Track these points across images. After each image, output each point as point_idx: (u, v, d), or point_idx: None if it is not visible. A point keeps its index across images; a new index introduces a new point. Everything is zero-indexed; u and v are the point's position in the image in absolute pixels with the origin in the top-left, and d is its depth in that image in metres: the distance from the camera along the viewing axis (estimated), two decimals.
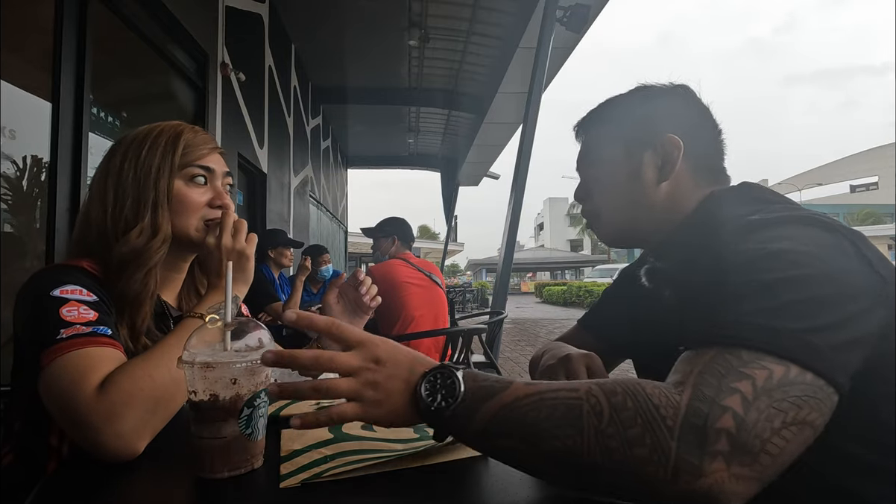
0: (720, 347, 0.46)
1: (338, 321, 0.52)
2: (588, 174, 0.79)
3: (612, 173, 0.75)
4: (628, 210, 0.74)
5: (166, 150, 0.79)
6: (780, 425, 0.41)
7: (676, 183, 0.71)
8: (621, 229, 0.77)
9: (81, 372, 0.59)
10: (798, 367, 0.43)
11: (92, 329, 0.64)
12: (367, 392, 0.49)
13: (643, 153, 0.72)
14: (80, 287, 0.68)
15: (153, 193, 0.77)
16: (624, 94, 0.78)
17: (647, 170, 0.72)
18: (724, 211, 0.64)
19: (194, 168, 0.81)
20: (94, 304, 0.68)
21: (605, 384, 0.45)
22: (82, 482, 0.54)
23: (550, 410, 0.44)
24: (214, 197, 0.83)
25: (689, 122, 0.73)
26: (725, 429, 0.40)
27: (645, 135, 0.72)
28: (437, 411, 0.47)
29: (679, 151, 0.69)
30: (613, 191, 0.75)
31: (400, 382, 0.49)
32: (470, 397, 0.47)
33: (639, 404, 0.42)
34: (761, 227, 0.56)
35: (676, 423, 0.41)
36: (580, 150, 0.82)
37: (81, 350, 0.61)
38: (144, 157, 0.78)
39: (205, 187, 0.82)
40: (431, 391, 0.48)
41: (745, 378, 0.43)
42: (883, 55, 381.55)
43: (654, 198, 0.72)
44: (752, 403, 0.41)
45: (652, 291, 0.76)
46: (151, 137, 0.80)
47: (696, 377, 0.44)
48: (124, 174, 0.78)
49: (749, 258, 0.52)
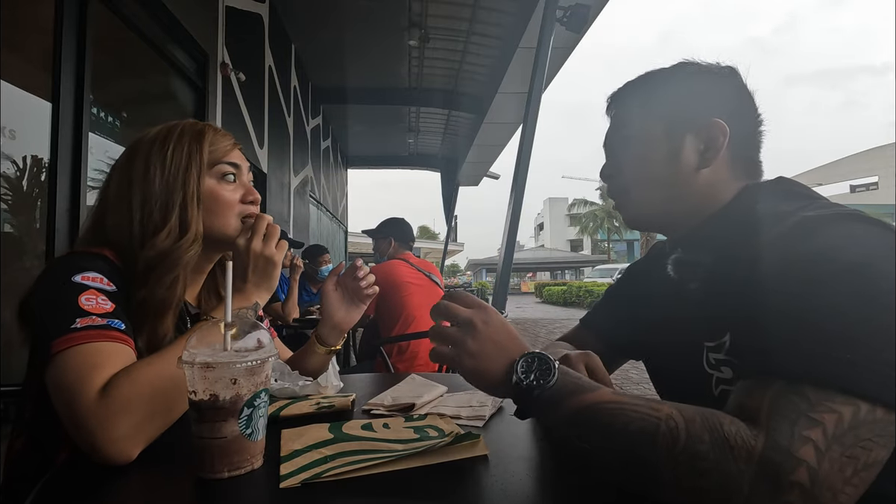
0: (784, 381, 0.44)
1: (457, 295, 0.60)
2: (620, 150, 0.74)
3: (648, 151, 0.69)
4: (661, 192, 0.69)
5: (192, 148, 0.78)
6: (851, 474, 0.41)
7: (715, 171, 0.67)
8: (650, 212, 0.72)
9: (88, 369, 0.59)
10: (867, 405, 0.42)
11: (107, 322, 0.63)
12: (467, 341, 0.55)
13: (685, 135, 0.67)
14: (100, 275, 0.68)
15: (181, 193, 0.76)
16: (666, 69, 0.73)
17: (688, 153, 0.67)
18: (766, 206, 0.60)
19: (224, 165, 0.81)
20: (112, 294, 0.67)
21: (686, 410, 0.45)
22: (82, 482, 0.54)
23: (628, 421, 0.46)
24: (246, 193, 0.83)
25: (734, 107, 0.68)
26: (799, 482, 0.40)
27: (689, 115, 0.68)
28: (528, 388, 0.51)
29: (724, 138, 0.65)
30: (648, 170, 0.70)
31: (501, 350, 0.55)
32: (560, 387, 0.51)
33: (715, 440, 0.43)
34: (819, 224, 0.51)
35: (750, 470, 0.41)
36: (612, 124, 0.76)
37: (93, 344, 0.61)
38: (171, 158, 0.77)
39: (234, 184, 0.82)
40: (527, 370, 0.53)
41: (815, 425, 0.41)
42: (883, 55, 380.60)
43: (691, 184, 0.67)
44: (826, 454, 0.40)
45: (674, 286, 0.72)
46: (174, 137, 0.78)
47: (768, 420, 0.43)
48: (151, 178, 0.76)
49: (815, 273, 0.47)
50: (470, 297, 0.59)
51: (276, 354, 0.57)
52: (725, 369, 0.61)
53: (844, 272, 0.46)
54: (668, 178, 0.68)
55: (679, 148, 0.67)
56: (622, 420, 0.47)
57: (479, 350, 0.55)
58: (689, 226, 0.70)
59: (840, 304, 0.45)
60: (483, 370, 0.55)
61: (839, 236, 0.49)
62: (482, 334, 0.55)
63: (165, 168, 0.76)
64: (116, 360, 0.62)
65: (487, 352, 0.55)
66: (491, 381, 0.55)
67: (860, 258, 0.47)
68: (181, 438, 0.60)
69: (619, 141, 0.74)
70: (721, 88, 0.69)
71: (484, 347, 0.55)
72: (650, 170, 0.69)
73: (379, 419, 0.71)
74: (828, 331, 0.44)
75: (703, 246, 0.68)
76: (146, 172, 0.76)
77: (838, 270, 0.46)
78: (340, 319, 0.95)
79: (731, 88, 0.69)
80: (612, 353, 0.87)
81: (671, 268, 0.72)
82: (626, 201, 0.73)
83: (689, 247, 0.71)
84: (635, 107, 0.72)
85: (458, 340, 0.56)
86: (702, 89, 0.69)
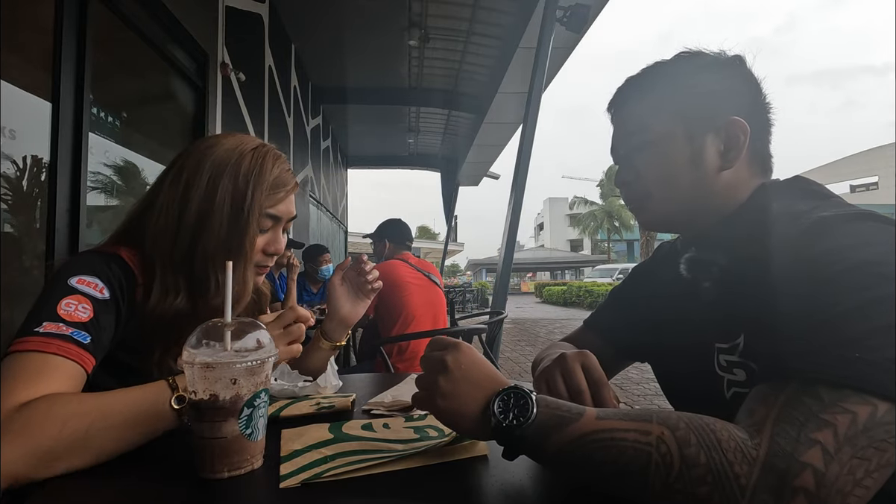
0: (798, 383, 0.43)
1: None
2: (636, 155, 0.69)
3: (669, 156, 0.66)
4: (685, 197, 0.66)
5: (261, 190, 0.76)
6: (862, 475, 0.39)
7: (737, 171, 0.64)
8: (671, 217, 0.70)
9: (20, 381, 0.57)
10: (886, 404, 0.40)
11: (71, 332, 0.62)
12: (440, 381, 0.53)
13: (705, 135, 0.64)
14: (98, 281, 0.67)
15: (246, 243, 0.75)
16: (670, 63, 0.69)
17: (710, 155, 0.64)
18: (783, 205, 0.59)
19: (265, 219, 0.78)
20: (101, 302, 0.67)
21: (679, 430, 0.43)
22: (82, 482, 0.54)
23: (617, 454, 0.44)
24: (269, 243, 0.80)
25: (749, 101, 0.65)
26: (804, 488, 0.38)
27: (706, 114, 0.64)
28: (507, 429, 0.48)
29: (746, 137, 0.63)
30: (670, 177, 0.66)
31: (476, 388, 0.52)
32: (541, 422, 0.48)
33: (711, 459, 0.40)
34: (834, 224, 0.50)
35: (750, 482, 0.39)
36: (620, 128, 0.72)
37: (40, 354, 0.60)
38: (241, 195, 0.75)
39: (266, 232, 0.80)
40: (504, 408, 0.50)
41: (825, 427, 0.40)
42: (884, 55, 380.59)
43: (713, 186, 0.65)
44: (835, 457, 0.39)
45: (686, 285, 0.69)
46: (245, 167, 0.76)
47: (772, 426, 0.41)
48: (217, 205, 0.74)
49: (830, 273, 0.46)
50: (443, 339, 0.58)
51: (276, 354, 0.58)
52: (738, 371, 0.60)
53: (858, 270, 0.45)
54: (691, 183, 0.65)
55: (701, 149, 0.64)
56: (612, 454, 0.44)
57: (452, 391, 0.52)
58: (706, 225, 0.68)
59: (855, 302, 0.44)
60: (457, 411, 0.52)
61: (853, 235, 0.48)
62: (454, 373, 0.53)
63: (235, 207, 0.74)
64: (57, 377, 0.60)
65: (462, 392, 0.52)
66: (469, 423, 0.52)
67: (875, 256, 0.46)
68: (181, 438, 0.60)
69: (634, 146, 0.70)
70: (733, 81, 0.66)
71: (457, 388, 0.52)
72: (672, 175, 0.66)
73: (379, 419, 0.71)
74: (843, 330, 0.43)
75: (718, 245, 0.65)
76: (213, 191, 0.74)
77: (852, 269, 0.46)
78: (346, 314, 0.96)
79: (743, 80, 0.66)
80: (617, 355, 0.85)
81: (684, 267, 0.69)
82: (647, 206, 0.70)
83: (704, 246, 0.68)
84: (646, 107, 0.68)
85: (431, 382, 0.54)
86: (715, 84, 0.65)
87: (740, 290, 0.59)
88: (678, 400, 0.75)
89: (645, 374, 4.92)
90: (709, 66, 0.67)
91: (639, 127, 0.69)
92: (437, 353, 0.56)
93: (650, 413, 0.46)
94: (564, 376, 0.63)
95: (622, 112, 0.72)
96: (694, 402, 0.64)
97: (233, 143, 0.78)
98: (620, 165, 0.72)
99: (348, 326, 0.97)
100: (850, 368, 0.41)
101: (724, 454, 0.40)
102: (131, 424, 0.58)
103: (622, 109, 0.72)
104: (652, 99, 0.68)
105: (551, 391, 0.62)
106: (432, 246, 28.54)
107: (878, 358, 0.41)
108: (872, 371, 0.41)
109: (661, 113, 0.67)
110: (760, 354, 0.51)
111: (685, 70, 0.67)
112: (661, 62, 0.70)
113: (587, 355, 0.65)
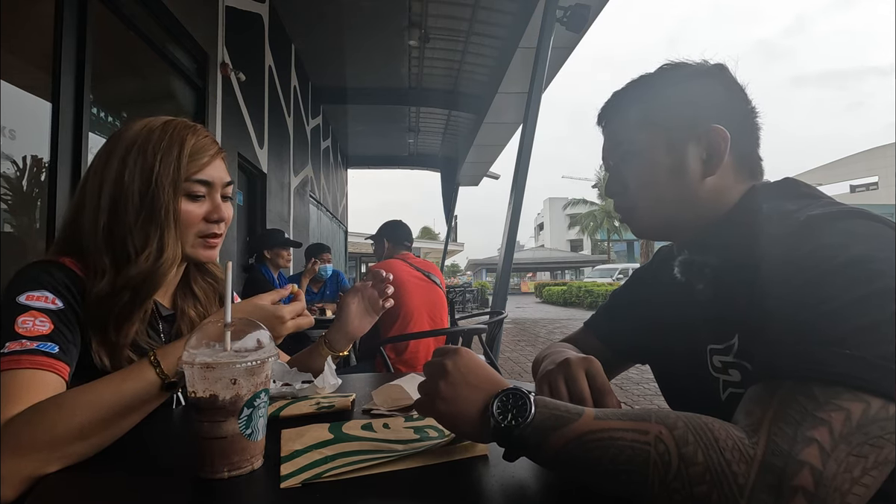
0: (792, 383, 0.43)
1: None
2: (622, 166, 0.71)
3: (652, 168, 0.67)
4: (670, 206, 0.68)
5: (171, 159, 0.74)
6: (860, 473, 0.39)
7: (721, 177, 0.66)
8: (660, 225, 0.71)
9: (3, 398, 0.57)
10: (880, 400, 0.40)
11: (37, 346, 0.62)
12: (440, 385, 0.54)
13: (686, 145, 0.66)
14: (48, 293, 0.66)
15: (161, 212, 0.73)
16: (654, 75, 0.70)
17: (692, 164, 0.65)
18: (772, 206, 0.59)
19: (195, 185, 0.76)
20: (56, 313, 0.66)
21: (677, 428, 0.43)
22: (82, 482, 0.54)
23: (616, 453, 0.44)
24: (211, 210, 0.79)
25: (731, 108, 0.66)
26: (802, 487, 0.38)
27: (687, 125, 0.66)
28: (506, 429, 0.49)
29: (726, 144, 0.64)
30: (654, 185, 0.68)
31: (475, 391, 0.53)
32: (539, 422, 0.48)
33: (709, 458, 0.41)
34: (823, 222, 0.50)
35: (749, 482, 0.39)
36: (609, 140, 0.74)
37: (14, 371, 0.59)
38: (150, 167, 0.73)
39: (202, 200, 0.78)
40: (503, 409, 0.50)
41: (821, 424, 0.40)
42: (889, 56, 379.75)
43: (698, 193, 0.66)
44: (831, 454, 0.39)
45: (681, 288, 0.70)
46: (153, 142, 0.74)
47: (769, 425, 0.41)
48: (126, 184, 0.72)
49: (819, 271, 0.47)
50: (443, 346, 0.59)
51: (276, 355, 0.57)
52: (734, 372, 0.60)
53: (847, 268, 0.45)
54: (676, 192, 0.67)
55: (682, 159, 0.66)
56: (610, 453, 0.44)
57: (452, 394, 0.53)
58: (696, 230, 0.69)
59: (845, 300, 0.44)
60: (457, 414, 0.53)
61: (841, 233, 0.49)
62: (453, 377, 0.54)
63: (143, 178, 0.73)
64: (36, 389, 0.59)
65: (461, 395, 0.53)
66: (468, 425, 0.52)
67: (863, 253, 0.46)
68: (181, 438, 0.60)
69: (619, 157, 0.72)
70: (715, 91, 0.67)
71: (457, 391, 0.53)
72: (656, 185, 0.68)
73: (379, 419, 0.71)
74: (833, 328, 0.43)
75: (710, 248, 0.66)
76: (120, 176, 0.73)
77: (841, 266, 0.46)
78: (355, 328, 0.97)
79: (724, 88, 0.67)
80: (617, 356, 0.86)
81: (678, 270, 0.70)
82: (634, 218, 0.72)
83: (696, 249, 0.69)
84: (630, 119, 0.70)
85: (431, 386, 0.55)
86: (695, 94, 0.67)
87: (732, 291, 0.60)
88: (675, 401, 0.76)
89: (645, 374, 4.92)
90: (689, 76, 0.68)
91: (624, 138, 0.71)
92: (438, 359, 0.56)
93: (648, 413, 0.46)
94: (568, 382, 0.62)
95: (610, 125, 0.74)
96: (691, 403, 0.64)
97: (140, 124, 0.78)
98: (610, 176, 0.74)
99: (353, 339, 0.99)
100: (841, 365, 0.41)
101: (722, 453, 0.41)
102: (123, 412, 0.60)
103: (610, 122, 0.74)
104: (635, 111, 0.70)
105: (553, 395, 0.62)
106: (432, 246, 28.56)
107: (869, 354, 0.41)
108: (863, 367, 0.41)
109: (644, 124, 0.68)
110: (754, 354, 0.51)
111: (666, 81, 0.69)
112: (645, 75, 0.71)
113: (592, 361, 0.64)
